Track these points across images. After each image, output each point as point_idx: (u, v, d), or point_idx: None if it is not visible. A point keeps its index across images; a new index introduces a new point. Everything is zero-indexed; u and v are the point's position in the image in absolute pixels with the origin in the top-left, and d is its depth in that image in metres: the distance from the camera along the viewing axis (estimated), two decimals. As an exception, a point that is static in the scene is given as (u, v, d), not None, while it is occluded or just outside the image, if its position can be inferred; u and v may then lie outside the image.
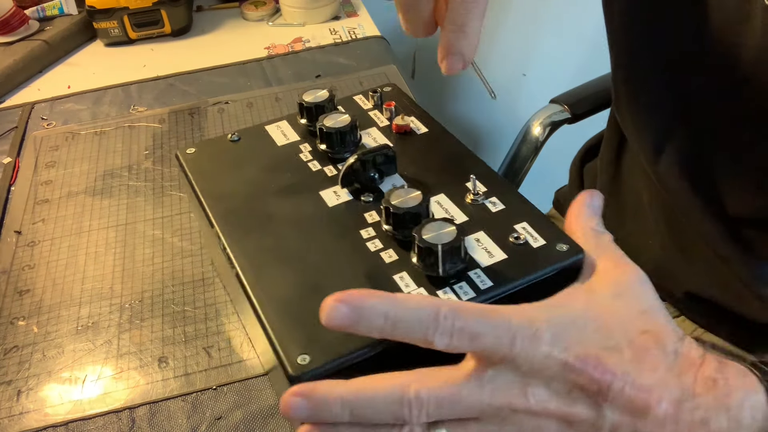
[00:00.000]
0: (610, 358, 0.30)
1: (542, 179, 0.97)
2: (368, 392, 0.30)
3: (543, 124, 0.84)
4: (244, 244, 0.39)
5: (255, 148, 0.47)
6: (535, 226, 0.37)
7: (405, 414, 0.30)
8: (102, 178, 0.62)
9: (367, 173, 0.41)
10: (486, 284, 0.34)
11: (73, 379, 0.44)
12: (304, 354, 0.32)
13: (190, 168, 0.45)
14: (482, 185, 0.40)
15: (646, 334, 0.31)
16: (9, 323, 0.48)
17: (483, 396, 0.30)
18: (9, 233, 0.57)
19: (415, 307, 0.30)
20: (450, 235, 0.34)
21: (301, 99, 0.47)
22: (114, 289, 0.50)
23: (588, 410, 0.30)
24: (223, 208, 0.42)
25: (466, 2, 0.34)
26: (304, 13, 0.88)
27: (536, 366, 0.30)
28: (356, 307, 0.30)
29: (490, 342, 0.30)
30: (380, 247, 0.37)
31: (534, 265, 0.35)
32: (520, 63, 1.34)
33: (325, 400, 0.30)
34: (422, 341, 0.30)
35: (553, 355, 0.30)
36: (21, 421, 0.42)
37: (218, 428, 0.41)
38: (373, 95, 0.50)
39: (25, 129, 0.70)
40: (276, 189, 0.43)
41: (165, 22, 0.86)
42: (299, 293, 0.35)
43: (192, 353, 0.45)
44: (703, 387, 0.31)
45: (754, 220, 0.51)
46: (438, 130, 0.46)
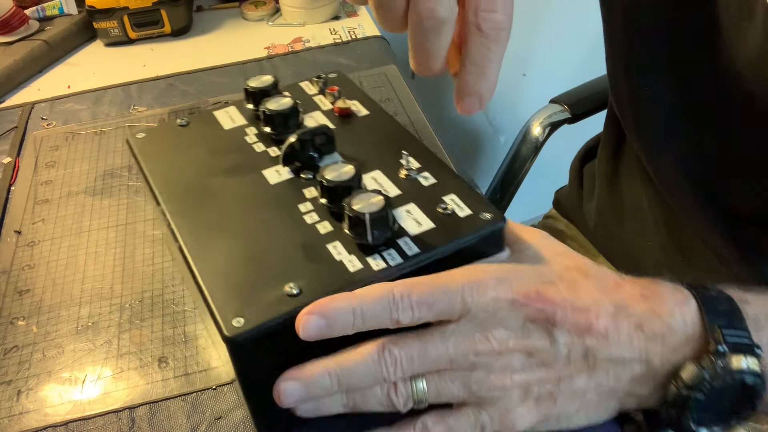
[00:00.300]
0: (549, 291, 0.35)
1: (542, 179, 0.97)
2: (350, 359, 0.34)
3: (543, 124, 0.84)
4: (188, 219, 0.41)
5: (203, 132, 0.49)
6: (462, 198, 0.40)
7: (384, 372, 0.34)
8: (102, 178, 0.62)
9: (307, 152, 0.43)
10: (413, 251, 0.37)
11: (73, 379, 0.44)
12: (239, 317, 0.34)
13: (140, 151, 0.48)
14: (416, 162, 0.43)
15: (570, 269, 0.36)
16: (9, 323, 0.48)
17: (448, 347, 0.34)
18: (9, 233, 0.57)
19: (375, 296, 0.34)
20: (377, 204, 0.37)
21: (246, 84, 0.49)
22: (114, 289, 0.50)
23: (542, 338, 0.35)
24: (169, 187, 0.44)
25: (488, 43, 0.34)
26: (304, 13, 0.88)
27: (489, 310, 0.34)
28: (325, 314, 0.33)
29: (445, 305, 0.34)
30: (316, 219, 0.40)
31: (458, 232, 0.38)
32: (520, 63, 1.34)
33: (313, 377, 0.34)
34: (392, 322, 0.34)
35: (500, 297, 0.34)
36: (21, 421, 0.42)
37: (218, 428, 0.41)
38: (318, 81, 0.52)
39: (25, 129, 0.70)
40: (221, 169, 0.45)
41: (165, 22, 0.86)
42: (237, 262, 0.38)
43: (192, 353, 0.45)
44: (632, 300, 0.35)
45: (755, 219, 0.51)
46: (378, 112, 0.49)
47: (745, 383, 0.34)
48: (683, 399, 0.34)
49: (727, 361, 0.34)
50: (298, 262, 0.37)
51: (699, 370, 0.34)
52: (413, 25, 0.33)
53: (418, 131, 0.65)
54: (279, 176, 0.44)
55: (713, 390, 0.34)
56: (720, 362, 0.34)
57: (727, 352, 0.34)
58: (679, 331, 0.35)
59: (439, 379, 0.35)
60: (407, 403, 0.35)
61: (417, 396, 0.35)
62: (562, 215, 0.80)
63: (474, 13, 0.33)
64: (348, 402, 0.36)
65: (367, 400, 0.36)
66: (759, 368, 0.34)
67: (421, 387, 0.35)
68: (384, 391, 0.35)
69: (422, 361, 0.34)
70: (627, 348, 0.35)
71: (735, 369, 0.34)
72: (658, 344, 0.35)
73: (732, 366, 0.34)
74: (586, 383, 0.35)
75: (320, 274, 0.36)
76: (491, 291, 0.34)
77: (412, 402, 0.35)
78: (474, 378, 0.35)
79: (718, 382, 0.34)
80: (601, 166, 0.70)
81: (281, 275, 0.36)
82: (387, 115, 0.49)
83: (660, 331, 0.35)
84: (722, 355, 0.34)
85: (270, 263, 0.37)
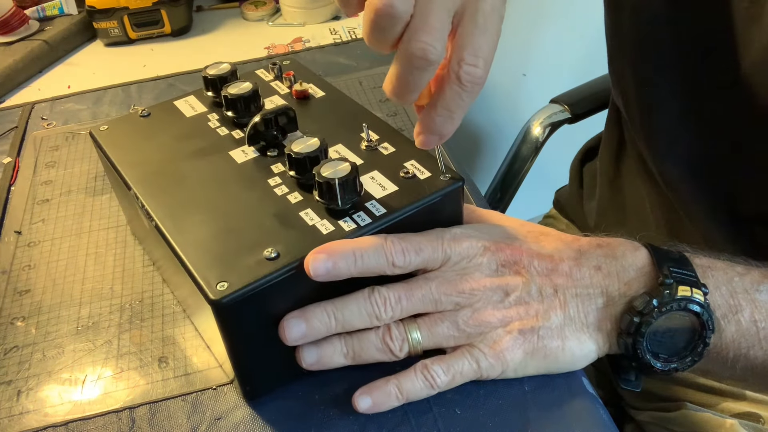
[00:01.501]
0: (515, 243, 0.41)
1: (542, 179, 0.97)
2: (345, 299, 0.39)
3: (543, 124, 0.84)
4: (161, 200, 0.43)
5: (165, 121, 0.51)
6: (421, 162, 0.43)
7: (375, 309, 0.39)
8: (102, 178, 0.62)
9: (271, 131, 0.45)
10: (380, 211, 0.40)
11: (73, 379, 0.44)
12: (223, 281, 0.36)
13: (105, 142, 0.49)
14: (375, 134, 0.46)
15: (532, 232, 0.43)
16: (9, 323, 0.48)
17: (431, 287, 0.39)
18: (9, 233, 0.57)
19: (371, 241, 0.38)
20: (345, 170, 0.39)
21: (205, 72, 0.51)
22: (114, 289, 0.50)
23: (514, 277, 0.40)
24: (138, 173, 0.45)
25: (463, 93, 0.35)
26: (304, 13, 0.88)
27: (466, 256, 0.40)
28: (330, 254, 0.37)
29: (430, 252, 0.39)
30: (286, 191, 0.42)
31: (421, 192, 0.41)
32: (520, 63, 1.34)
33: (313, 314, 0.38)
34: (387, 264, 0.38)
35: (473, 245, 0.40)
36: (21, 421, 0.42)
37: (218, 428, 0.41)
38: (273, 68, 0.55)
39: (25, 129, 0.70)
40: (188, 153, 0.47)
41: (165, 22, 0.86)
42: (214, 234, 0.40)
43: (192, 353, 0.45)
44: (590, 248, 0.41)
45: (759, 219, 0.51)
46: (334, 93, 0.52)
47: (691, 310, 0.38)
48: (636, 326, 0.38)
49: (673, 289, 0.38)
50: (274, 229, 0.39)
51: (648, 297, 0.38)
52: (403, 59, 0.34)
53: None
54: (245, 156, 0.46)
55: (661, 315, 0.38)
56: (667, 291, 0.38)
57: (673, 283, 0.38)
58: (631, 269, 0.40)
59: (430, 322, 0.40)
60: (403, 346, 0.40)
61: (411, 340, 0.40)
62: (562, 215, 0.80)
63: (457, 62, 0.34)
64: (348, 351, 0.40)
65: (365, 346, 0.40)
66: (703, 299, 0.38)
67: (415, 331, 0.40)
68: (379, 335, 0.39)
69: (408, 300, 0.39)
70: (589, 284, 0.40)
71: (680, 296, 0.38)
72: (614, 280, 0.40)
73: (678, 294, 0.38)
74: (561, 318, 0.40)
75: (296, 238, 0.39)
76: (465, 240, 0.40)
77: (407, 346, 0.40)
78: (461, 316, 0.40)
79: (666, 308, 0.38)
80: (603, 166, 0.70)
81: (258, 242, 0.38)
82: (343, 95, 0.51)
83: (615, 270, 0.40)
84: (669, 285, 0.38)
85: (246, 233, 0.39)
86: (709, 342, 0.39)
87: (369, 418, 0.40)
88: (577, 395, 0.40)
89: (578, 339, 0.40)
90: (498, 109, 1.38)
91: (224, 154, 0.46)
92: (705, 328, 0.38)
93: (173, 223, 0.41)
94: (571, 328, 0.40)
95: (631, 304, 0.39)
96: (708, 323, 0.38)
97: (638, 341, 0.38)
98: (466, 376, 0.40)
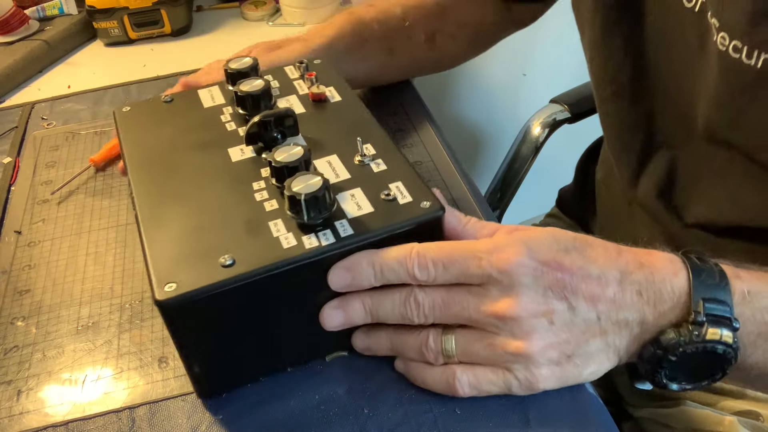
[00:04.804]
0: (565, 259, 0.37)
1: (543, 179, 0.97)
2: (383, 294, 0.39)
3: (543, 124, 0.84)
4: (148, 188, 0.43)
5: (183, 109, 0.51)
6: (407, 186, 0.41)
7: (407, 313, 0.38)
8: (102, 178, 0.62)
9: (270, 133, 0.45)
10: (347, 232, 0.38)
11: (73, 379, 0.44)
12: (172, 282, 0.36)
13: (121, 124, 0.50)
14: (372, 149, 0.45)
15: (577, 238, 0.39)
16: (9, 323, 0.48)
17: (470, 305, 0.37)
18: (9, 233, 0.57)
19: (395, 253, 0.38)
20: (314, 186, 0.38)
21: (226, 65, 0.50)
22: (114, 289, 0.50)
23: (560, 303, 0.37)
24: (139, 157, 0.46)
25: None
26: (304, 13, 0.88)
27: (511, 275, 0.36)
28: (349, 267, 0.37)
29: (462, 266, 0.37)
30: (265, 197, 0.42)
31: (395, 217, 0.39)
32: (520, 63, 1.34)
33: (352, 305, 0.39)
34: (408, 277, 0.37)
35: (523, 263, 0.36)
36: (21, 421, 0.42)
37: (218, 428, 0.41)
38: (300, 66, 0.54)
39: (25, 129, 0.70)
40: (191, 144, 0.47)
41: (165, 22, 0.86)
42: (184, 231, 0.40)
43: (192, 353, 0.45)
44: (634, 266, 0.38)
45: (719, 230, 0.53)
46: (351, 99, 0.51)
47: (716, 352, 0.37)
48: (658, 359, 0.38)
49: (703, 331, 0.36)
50: (239, 235, 0.39)
51: (676, 336, 0.37)
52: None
53: (418, 130, 0.65)
54: (242, 155, 0.45)
55: (684, 354, 0.37)
56: (696, 331, 0.36)
57: (704, 322, 0.36)
58: (668, 299, 0.38)
59: (467, 339, 0.38)
60: (438, 358, 0.39)
61: (445, 350, 0.39)
62: (564, 213, 0.80)
63: None
64: (392, 347, 0.41)
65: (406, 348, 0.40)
66: (732, 340, 0.37)
67: (450, 343, 0.38)
68: (417, 342, 0.39)
69: (443, 312, 0.38)
70: (630, 311, 0.38)
71: (708, 339, 0.36)
72: (651, 308, 0.38)
73: (706, 336, 0.36)
74: (599, 345, 0.38)
75: (255, 248, 0.38)
76: (516, 257, 0.36)
77: (442, 358, 0.39)
78: (499, 341, 0.37)
79: (690, 348, 0.37)
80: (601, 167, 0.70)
81: (220, 246, 0.38)
82: (359, 104, 0.50)
83: (653, 298, 0.38)
84: (700, 324, 0.37)
85: (213, 234, 0.39)
86: (729, 372, 0.38)
87: (369, 418, 0.40)
88: (577, 395, 0.40)
89: (607, 361, 0.39)
90: (498, 109, 1.38)
91: (223, 150, 0.46)
92: (727, 363, 0.38)
93: (151, 212, 0.41)
94: (605, 354, 0.39)
95: (658, 337, 0.38)
96: (731, 360, 0.37)
97: (657, 371, 0.38)
98: (491, 392, 0.39)
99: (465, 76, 1.32)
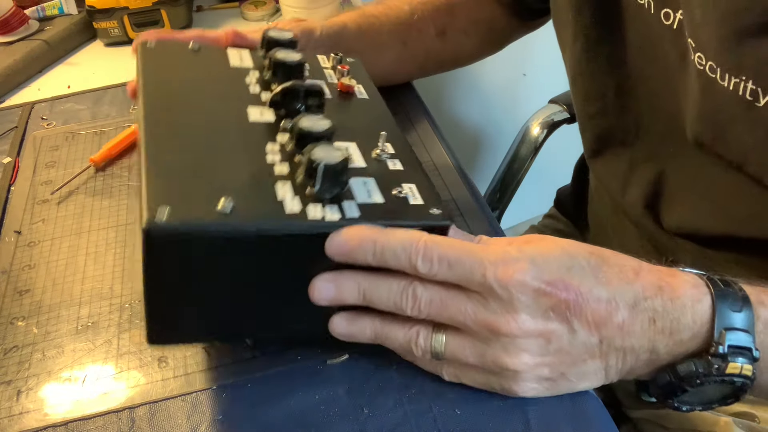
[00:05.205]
0: (574, 279, 0.35)
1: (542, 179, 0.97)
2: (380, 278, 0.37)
3: (542, 124, 0.84)
4: (159, 116, 0.41)
5: (208, 60, 0.50)
6: (420, 190, 0.41)
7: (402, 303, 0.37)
8: (102, 178, 0.62)
9: (296, 103, 0.44)
10: (353, 214, 0.37)
11: (73, 379, 0.44)
12: (167, 206, 0.33)
13: (143, 56, 0.48)
14: (392, 148, 0.44)
15: (592, 254, 0.37)
16: (9, 323, 0.48)
17: (468, 312, 0.36)
18: (9, 233, 0.57)
19: (402, 237, 0.36)
20: (336, 158, 0.37)
21: (265, 31, 0.50)
22: (114, 289, 0.50)
23: (562, 325, 0.36)
24: (155, 89, 0.44)
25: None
26: (304, 13, 0.88)
27: (513, 291, 0.35)
28: (351, 236, 0.36)
29: (466, 270, 0.35)
30: (277, 160, 0.40)
31: (403, 215, 0.38)
32: (520, 63, 1.34)
33: (345, 282, 0.37)
34: (408, 265, 0.36)
35: (527, 282, 0.35)
36: (21, 421, 0.42)
37: (218, 428, 0.41)
38: (335, 57, 0.53)
39: (25, 129, 0.70)
40: (210, 93, 0.45)
41: (165, 22, 0.86)
42: (187, 166, 0.38)
43: (192, 353, 0.45)
44: (650, 291, 0.36)
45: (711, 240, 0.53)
46: (377, 101, 0.50)
47: (734, 384, 0.36)
48: (673, 387, 0.37)
49: (723, 364, 0.35)
50: (243, 187, 0.37)
51: (695, 368, 0.36)
52: None
53: (418, 130, 0.65)
54: (260, 116, 0.44)
55: (701, 386, 0.36)
56: (716, 365, 0.35)
57: (726, 354, 0.35)
58: (687, 329, 0.36)
59: (457, 342, 0.37)
60: (425, 355, 0.38)
61: (434, 348, 0.38)
62: (562, 214, 0.80)
63: None
64: (376, 336, 0.39)
65: (391, 338, 0.39)
66: (751, 373, 0.36)
67: (439, 343, 0.38)
68: (406, 336, 0.38)
69: (439, 311, 0.37)
70: (639, 339, 0.36)
71: (728, 372, 0.35)
72: (666, 337, 0.36)
73: (727, 370, 0.35)
74: (597, 366, 0.37)
75: (257, 204, 0.36)
76: (519, 274, 0.35)
77: (429, 355, 0.38)
78: (489, 352, 0.36)
79: (709, 381, 0.36)
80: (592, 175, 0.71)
81: (221, 190, 0.36)
82: (384, 106, 0.49)
83: (669, 327, 0.36)
84: (721, 357, 0.35)
85: (216, 177, 0.37)
86: (743, 397, 0.38)
87: (369, 418, 0.40)
88: (577, 396, 0.40)
89: (604, 380, 0.38)
90: (497, 109, 1.38)
91: (242, 108, 0.44)
92: (742, 392, 0.37)
93: (156, 139, 0.39)
94: (602, 373, 0.38)
95: (675, 366, 0.36)
96: (747, 389, 0.37)
97: (670, 396, 0.37)
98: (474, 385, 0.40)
99: (465, 76, 1.32)
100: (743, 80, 0.41)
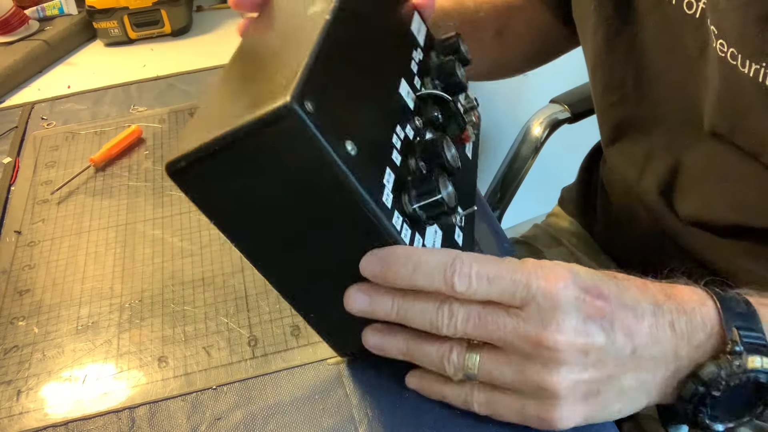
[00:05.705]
0: (604, 286, 0.35)
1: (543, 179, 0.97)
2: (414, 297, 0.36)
3: (543, 124, 0.84)
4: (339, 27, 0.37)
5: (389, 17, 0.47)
6: None
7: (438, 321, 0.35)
8: (102, 178, 0.62)
9: (439, 116, 0.44)
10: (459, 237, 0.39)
11: (73, 379, 0.44)
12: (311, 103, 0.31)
13: None
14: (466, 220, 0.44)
15: (604, 272, 0.37)
16: (9, 323, 0.48)
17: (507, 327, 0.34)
18: (9, 233, 0.57)
19: (438, 255, 0.35)
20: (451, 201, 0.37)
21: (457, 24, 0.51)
22: (114, 289, 0.50)
23: (599, 336, 0.34)
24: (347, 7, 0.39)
25: None
26: (304, 13, 0.88)
27: (554, 299, 0.34)
28: (384, 256, 0.35)
29: (508, 285, 0.34)
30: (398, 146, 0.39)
31: None
32: (521, 63, 1.33)
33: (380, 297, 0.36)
34: (443, 285, 0.34)
35: (569, 287, 0.34)
36: (21, 420, 0.42)
37: (218, 428, 0.41)
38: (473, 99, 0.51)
39: (25, 129, 0.70)
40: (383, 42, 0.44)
41: (165, 22, 0.86)
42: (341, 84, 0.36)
43: (192, 353, 0.45)
44: (663, 297, 0.37)
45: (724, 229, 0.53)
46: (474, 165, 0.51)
47: (759, 381, 0.35)
48: (700, 396, 0.35)
49: (743, 360, 0.35)
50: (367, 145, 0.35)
51: (717, 369, 0.35)
52: None
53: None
54: (406, 95, 0.43)
55: (728, 388, 0.35)
56: (737, 362, 0.35)
57: (743, 351, 0.35)
58: (701, 331, 0.36)
59: (494, 361, 0.36)
60: (457, 374, 0.37)
61: (467, 368, 0.36)
62: (567, 212, 0.80)
63: None
64: (406, 352, 0.38)
65: (424, 356, 0.37)
66: None
67: (473, 361, 0.36)
68: (438, 353, 0.37)
69: (476, 328, 0.35)
70: (665, 346, 0.36)
71: (750, 368, 0.35)
72: (685, 341, 0.36)
73: (747, 366, 0.35)
74: (631, 381, 0.36)
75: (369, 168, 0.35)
76: (562, 282, 0.34)
77: (462, 374, 0.37)
78: (529, 369, 0.35)
79: (734, 381, 0.35)
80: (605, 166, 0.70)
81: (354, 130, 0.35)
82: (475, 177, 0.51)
83: (686, 330, 0.36)
84: (739, 354, 0.35)
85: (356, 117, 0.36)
86: None
87: (369, 418, 0.40)
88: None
89: (635, 401, 0.37)
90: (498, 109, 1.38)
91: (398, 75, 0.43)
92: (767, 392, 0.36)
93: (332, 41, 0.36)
94: (636, 391, 0.37)
95: (697, 373, 0.36)
96: None
97: (700, 410, 0.36)
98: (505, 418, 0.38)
99: (465, 76, 1.32)
100: (764, 66, 0.41)
